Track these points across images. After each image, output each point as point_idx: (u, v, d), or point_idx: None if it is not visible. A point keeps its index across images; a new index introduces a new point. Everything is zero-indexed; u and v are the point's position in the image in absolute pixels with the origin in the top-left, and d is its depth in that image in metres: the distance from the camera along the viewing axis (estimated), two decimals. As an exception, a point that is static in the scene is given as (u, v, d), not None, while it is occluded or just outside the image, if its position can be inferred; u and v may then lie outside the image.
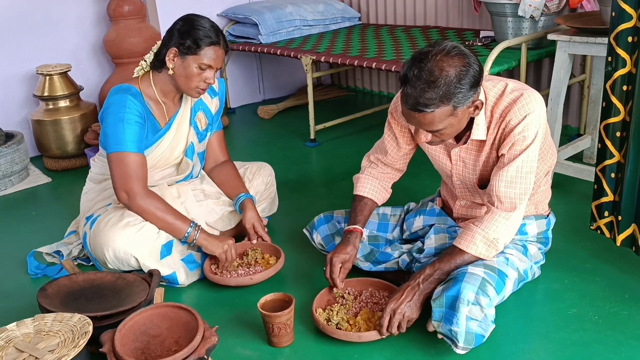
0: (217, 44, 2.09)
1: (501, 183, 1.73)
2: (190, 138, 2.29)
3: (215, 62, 2.10)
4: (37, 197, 3.13)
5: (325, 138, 3.62)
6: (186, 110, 2.28)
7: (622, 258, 2.08)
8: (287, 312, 1.74)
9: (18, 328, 1.59)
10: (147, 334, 1.62)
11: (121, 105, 2.07)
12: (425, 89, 1.56)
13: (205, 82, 2.10)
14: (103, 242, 2.05)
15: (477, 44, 3.23)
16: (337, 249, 1.92)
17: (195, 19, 2.10)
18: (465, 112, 1.66)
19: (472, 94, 1.62)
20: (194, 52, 2.06)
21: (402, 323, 1.69)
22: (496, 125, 1.75)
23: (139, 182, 2.07)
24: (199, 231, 2.11)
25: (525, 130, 1.69)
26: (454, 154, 1.87)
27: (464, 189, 1.95)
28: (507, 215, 1.74)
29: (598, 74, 2.75)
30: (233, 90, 4.46)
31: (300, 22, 4.09)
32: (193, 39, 2.06)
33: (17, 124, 3.58)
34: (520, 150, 1.70)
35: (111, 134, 2.07)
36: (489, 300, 1.63)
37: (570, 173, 2.59)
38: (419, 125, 1.66)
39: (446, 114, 1.61)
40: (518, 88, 1.74)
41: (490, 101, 1.74)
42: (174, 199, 2.22)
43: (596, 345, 1.68)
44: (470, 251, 1.74)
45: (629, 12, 1.77)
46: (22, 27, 3.51)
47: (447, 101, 1.58)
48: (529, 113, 1.68)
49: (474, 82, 1.61)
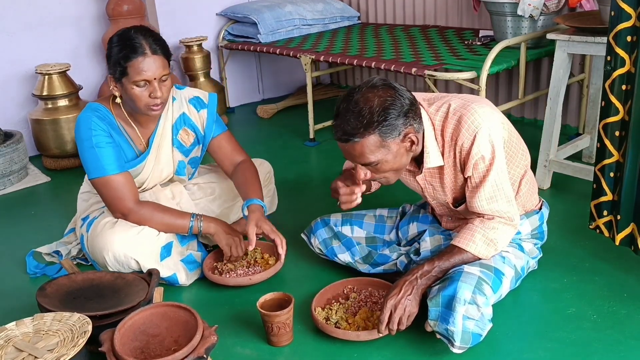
0: (142, 54, 1.93)
1: (483, 202, 1.74)
2: (177, 158, 2.23)
3: (148, 73, 1.93)
4: (36, 196, 3.13)
5: (325, 137, 3.62)
6: (165, 130, 2.18)
7: (621, 257, 2.08)
8: (287, 312, 1.74)
9: (17, 327, 1.59)
10: (147, 333, 1.62)
11: (87, 128, 2.03)
12: (350, 119, 1.60)
13: (153, 97, 1.97)
14: (102, 246, 2.04)
15: (476, 43, 3.23)
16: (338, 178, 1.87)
17: (114, 38, 1.99)
18: (399, 146, 1.65)
19: (401, 124, 1.61)
20: (124, 74, 1.94)
21: (402, 318, 1.68)
22: (450, 148, 1.74)
23: (130, 200, 2.06)
24: (201, 220, 2.12)
25: (480, 149, 1.68)
26: (420, 180, 1.87)
27: (441, 207, 1.96)
28: (507, 222, 1.77)
29: (597, 74, 2.75)
30: (232, 89, 4.46)
31: (299, 22, 4.09)
32: (115, 60, 1.95)
33: (16, 124, 3.57)
34: (486, 167, 1.70)
35: (88, 160, 2.04)
36: (485, 299, 1.63)
37: (569, 172, 2.59)
38: (351, 158, 1.68)
39: (375, 145, 1.61)
40: (460, 106, 1.72)
41: (438, 126, 1.74)
42: (168, 201, 2.21)
43: (595, 344, 1.69)
44: (470, 249, 1.74)
45: (628, 12, 1.77)
46: (21, 26, 3.51)
47: (372, 129, 1.59)
48: (477, 131, 1.67)
49: (401, 112, 1.61)
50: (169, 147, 2.20)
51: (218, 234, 2.13)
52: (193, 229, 2.11)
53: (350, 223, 2.12)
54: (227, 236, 2.13)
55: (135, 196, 2.08)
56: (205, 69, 4.01)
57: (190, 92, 2.26)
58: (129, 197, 2.05)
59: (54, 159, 3.43)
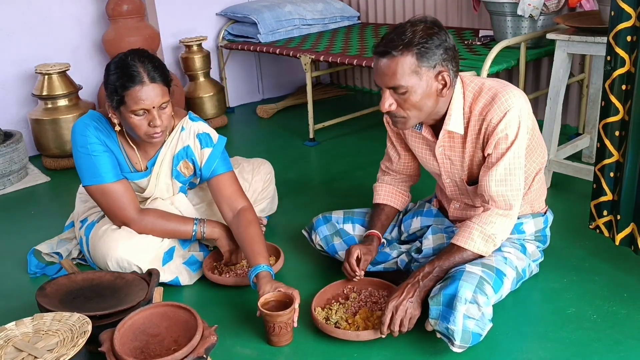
0: (140, 83, 1.84)
1: (492, 183, 1.74)
2: (176, 186, 2.18)
3: (146, 102, 1.85)
4: (36, 196, 3.13)
5: (325, 137, 3.62)
6: (166, 159, 2.11)
7: (621, 257, 2.08)
8: (288, 312, 1.74)
9: (17, 327, 1.59)
10: (146, 333, 1.62)
11: (82, 135, 1.99)
12: (393, 37, 1.66)
13: (152, 127, 1.90)
14: (105, 252, 2.02)
15: (476, 43, 3.23)
16: (357, 244, 1.97)
17: (110, 65, 1.90)
18: (430, 82, 1.67)
19: (439, 55, 1.65)
20: (123, 103, 1.86)
21: (404, 321, 1.68)
22: (477, 123, 1.76)
23: (130, 208, 2.03)
24: (205, 225, 2.11)
25: (507, 127, 1.70)
26: (438, 153, 1.88)
27: (454, 188, 1.96)
28: (504, 213, 1.76)
29: (597, 73, 2.75)
30: (232, 89, 4.46)
31: (299, 21, 4.09)
32: (113, 89, 1.86)
33: (15, 123, 3.57)
34: (506, 147, 1.72)
35: (83, 167, 2.00)
36: (486, 299, 1.63)
37: (569, 172, 2.59)
38: (383, 79, 1.68)
39: (410, 68, 1.64)
40: (496, 86, 1.75)
41: (469, 97, 1.77)
42: (167, 207, 2.18)
43: (595, 344, 1.68)
44: (469, 247, 1.75)
45: (628, 12, 1.77)
46: (21, 26, 3.51)
47: (411, 48, 1.63)
48: (509, 110, 1.70)
49: (442, 45, 1.66)
50: (168, 177, 2.15)
51: (221, 239, 2.13)
52: (197, 235, 2.11)
53: (352, 221, 2.13)
54: (229, 242, 2.13)
55: (136, 205, 2.06)
56: (205, 68, 4.01)
57: (201, 127, 2.15)
58: (129, 206, 2.04)
59: (53, 158, 3.43)
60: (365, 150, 3.37)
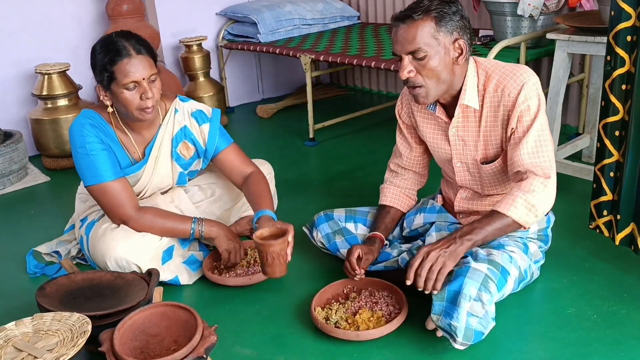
0: (127, 56, 1.90)
1: (524, 156, 1.74)
2: (176, 170, 2.21)
3: (136, 74, 1.90)
4: (36, 196, 3.13)
5: (324, 137, 3.62)
6: (164, 142, 2.15)
7: (621, 257, 2.08)
8: (281, 242, 1.82)
9: (17, 327, 1.59)
10: (146, 333, 1.62)
11: (80, 135, 2.01)
12: (412, 6, 1.73)
13: (145, 99, 1.94)
14: (104, 252, 2.03)
15: (476, 43, 3.23)
16: (359, 244, 1.99)
17: (95, 46, 1.96)
18: (448, 48, 1.72)
19: (456, 22, 1.71)
20: (113, 79, 1.91)
21: (434, 267, 1.63)
22: (492, 99, 1.79)
23: (129, 206, 2.05)
24: (203, 224, 2.11)
25: (527, 99, 1.73)
26: (451, 135, 1.89)
27: (464, 173, 1.96)
28: (544, 182, 1.72)
29: (597, 73, 2.75)
30: (232, 89, 4.45)
31: (299, 21, 4.09)
32: (102, 67, 1.91)
33: (15, 123, 3.57)
34: (531, 119, 1.74)
35: (83, 168, 2.03)
36: (490, 296, 1.63)
37: (569, 172, 2.59)
38: (402, 44, 1.73)
39: (429, 32, 1.69)
40: (508, 65, 1.82)
41: (482, 75, 1.81)
42: (167, 205, 2.19)
43: (595, 344, 1.69)
44: (511, 214, 1.70)
45: (628, 11, 1.77)
46: (21, 26, 3.51)
47: (430, 13, 1.69)
48: (525, 82, 1.74)
49: (458, 13, 1.72)
50: (168, 160, 2.17)
51: (219, 239, 2.12)
52: (195, 234, 2.11)
53: (355, 220, 2.13)
54: (228, 242, 2.12)
55: (135, 203, 2.07)
56: (205, 68, 4.01)
57: (193, 106, 2.21)
58: (128, 204, 2.04)
59: (53, 158, 3.43)
60: (365, 150, 3.37)
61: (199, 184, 2.37)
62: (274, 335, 1.84)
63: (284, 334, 1.84)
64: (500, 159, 1.86)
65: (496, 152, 1.86)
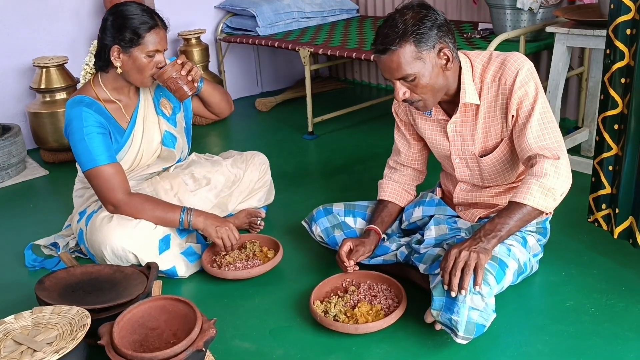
0: (156, 26, 2.03)
1: (531, 140, 1.74)
2: (163, 127, 2.26)
3: (161, 44, 2.04)
4: (35, 189, 3.13)
5: (323, 131, 3.62)
6: (148, 102, 2.24)
7: (619, 251, 2.09)
8: (170, 67, 2.03)
9: (16, 321, 1.59)
10: (145, 326, 1.62)
11: (78, 119, 2.05)
12: (387, 31, 1.69)
13: (159, 68, 2.06)
14: (100, 241, 2.04)
15: (475, 36, 3.22)
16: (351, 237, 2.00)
17: (124, 9, 2.03)
18: (434, 61, 1.70)
19: (434, 35, 1.68)
20: (137, 43, 2.00)
21: (469, 263, 1.60)
22: (490, 89, 1.80)
23: (120, 190, 2.07)
24: (192, 214, 2.11)
25: (523, 84, 1.74)
26: (450, 130, 1.89)
27: (464, 168, 1.96)
28: (554, 163, 1.70)
29: (596, 67, 2.74)
30: (231, 82, 4.45)
31: (298, 14, 4.08)
32: (131, 30, 1.99)
33: (13, 117, 3.57)
34: (531, 104, 1.75)
35: (80, 153, 2.06)
36: (489, 289, 1.63)
37: (568, 166, 2.58)
38: (390, 72, 1.72)
39: (411, 56, 1.67)
40: (502, 54, 1.81)
41: (478, 68, 1.81)
42: (167, 192, 2.22)
43: (593, 337, 1.69)
44: (528, 202, 1.68)
45: (628, 5, 1.76)
46: (18, 19, 3.49)
47: (407, 38, 1.66)
48: (520, 69, 1.75)
49: (435, 24, 1.68)
50: (154, 115, 2.24)
51: (207, 228, 2.11)
52: (183, 223, 2.11)
53: (354, 214, 2.14)
54: (216, 229, 2.10)
55: (126, 187, 2.09)
56: (204, 62, 4.00)
57: None
58: (119, 187, 2.06)
59: (52, 152, 3.42)
60: (365, 144, 3.37)
61: (193, 175, 2.36)
62: (272, 328, 1.84)
63: (283, 328, 1.84)
64: (499, 149, 1.86)
65: (495, 143, 1.86)
